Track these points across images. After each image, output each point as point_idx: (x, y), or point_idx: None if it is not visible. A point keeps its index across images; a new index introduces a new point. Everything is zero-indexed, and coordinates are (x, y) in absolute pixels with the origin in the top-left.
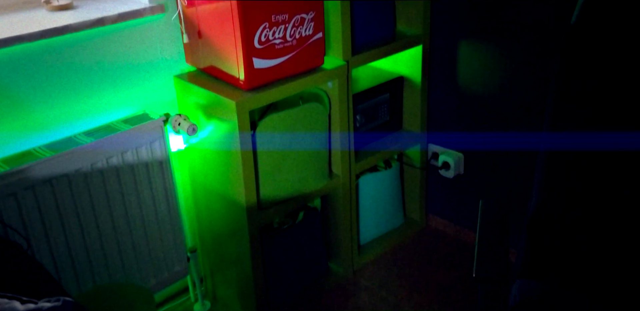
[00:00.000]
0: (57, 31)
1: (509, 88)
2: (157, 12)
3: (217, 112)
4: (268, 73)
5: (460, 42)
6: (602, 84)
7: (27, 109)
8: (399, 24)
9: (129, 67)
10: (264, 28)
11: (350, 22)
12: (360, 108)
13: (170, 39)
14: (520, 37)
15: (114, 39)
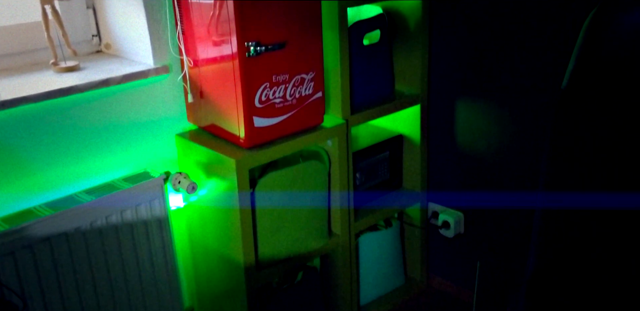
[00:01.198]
0: (63, 92)
1: (507, 147)
2: (161, 73)
3: (217, 170)
4: (268, 131)
5: (458, 102)
6: (594, 145)
7: (30, 168)
8: (398, 84)
9: (132, 127)
10: (264, 88)
11: (349, 81)
12: (360, 166)
13: (173, 98)
14: (515, 98)
15: (118, 99)
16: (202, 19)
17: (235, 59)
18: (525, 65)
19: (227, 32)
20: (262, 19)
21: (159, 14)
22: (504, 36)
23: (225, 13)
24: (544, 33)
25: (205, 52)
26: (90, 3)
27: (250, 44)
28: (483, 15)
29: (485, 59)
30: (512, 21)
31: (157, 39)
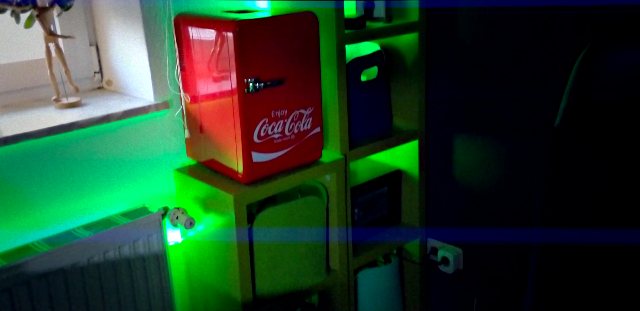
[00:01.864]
0: (64, 128)
1: (504, 182)
2: (161, 108)
3: (215, 205)
4: (266, 167)
5: (456, 138)
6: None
7: (29, 204)
8: (396, 119)
9: (132, 162)
10: (263, 123)
11: (347, 117)
12: (358, 201)
13: (172, 133)
14: (511, 134)
15: (118, 135)
16: (202, 55)
17: (235, 95)
18: (520, 102)
19: (227, 69)
20: (261, 55)
21: (160, 51)
22: (499, 73)
23: (226, 49)
24: (537, 71)
25: (205, 88)
26: (93, 40)
27: (250, 81)
28: (478, 53)
29: (482, 95)
30: (507, 59)
31: (158, 76)
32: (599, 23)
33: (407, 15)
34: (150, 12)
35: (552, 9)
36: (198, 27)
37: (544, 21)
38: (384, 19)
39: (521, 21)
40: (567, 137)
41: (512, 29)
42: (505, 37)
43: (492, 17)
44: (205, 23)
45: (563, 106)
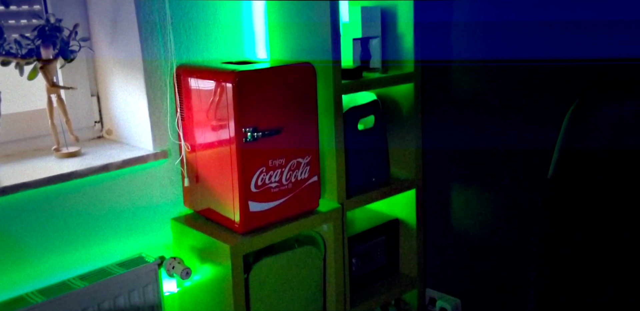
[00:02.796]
0: (63, 177)
1: (501, 231)
2: (160, 157)
3: (211, 255)
4: (263, 216)
5: (453, 187)
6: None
7: (24, 254)
8: (393, 168)
9: (129, 212)
10: (260, 172)
11: (344, 166)
12: (356, 251)
13: (170, 182)
14: (506, 183)
15: (116, 184)
16: (202, 105)
17: (233, 144)
18: (514, 152)
19: (225, 118)
20: (260, 105)
21: (161, 101)
22: (493, 123)
23: (225, 99)
24: (529, 122)
25: (203, 137)
26: (94, 91)
27: (248, 130)
28: (472, 103)
29: (477, 145)
30: (500, 109)
31: (157, 125)
32: (589, 75)
33: (402, 66)
34: (152, 64)
35: (543, 61)
36: (198, 77)
37: (535, 73)
38: (380, 69)
39: (513, 73)
40: (560, 189)
41: (504, 80)
42: (498, 88)
43: (485, 68)
44: (205, 74)
45: (555, 158)
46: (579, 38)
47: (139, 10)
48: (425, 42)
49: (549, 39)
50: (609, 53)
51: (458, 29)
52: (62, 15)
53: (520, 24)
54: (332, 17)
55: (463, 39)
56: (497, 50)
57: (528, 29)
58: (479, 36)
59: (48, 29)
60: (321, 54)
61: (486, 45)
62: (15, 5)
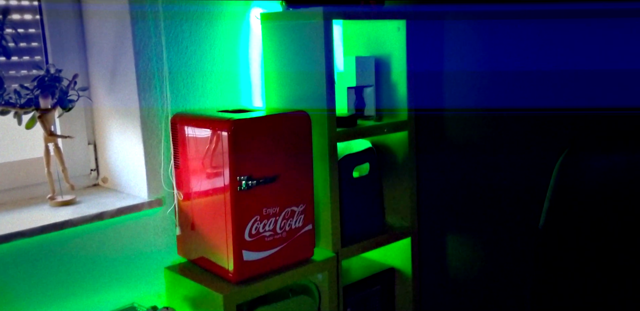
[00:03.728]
0: (57, 226)
1: (497, 279)
2: (154, 206)
3: (204, 304)
4: (257, 265)
5: (448, 235)
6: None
7: (17, 302)
8: (388, 216)
9: (122, 260)
10: (254, 221)
11: (339, 214)
12: (351, 301)
13: (164, 230)
14: (500, 231)
15: (110, 233)
16: (197, 153)
17: (227, 192)
18: (507, 201)
19: (220, 166)
20: (255, 153)
21: (156, 149)
22: (485, 172)
23: (220, 148)
24: (521, 171)
25: (198, 185)
26: (92, 139)
27: (242, 178)
28: (465, 152)
29: (471, 193)
30: (492, 158)
31: (152, 173)
32: (578, 124)
33: (396, 114)
34: (149, 112)
35: (534, 110)
36: (194, 126)
37: (526, 122)
38: (375, 117)
39: (504, 122)
40: (552, 238)
41: (496, 129)
42: (490, 137)
43: (477, 117)
44: (201, 122)
45: (546, 208)
46: (568, 87)
47: (137, 61)
48: (418, 90)
49: (539, 88)
50: (598, 102)
51: (450, 78)
52: (62, 65)
53: (510, 74)
54: (327, 67)
55: (455, 88)
56: (489, 99)
57: (518, 78)
58: (471, 85)
59: (48, 79)
60: (316, 102)
61: (478, 94)
62: (17, 56)
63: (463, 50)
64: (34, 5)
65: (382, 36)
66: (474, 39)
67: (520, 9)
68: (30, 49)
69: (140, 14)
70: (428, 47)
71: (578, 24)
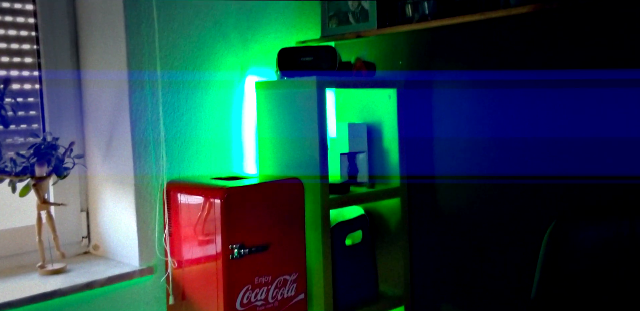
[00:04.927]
0: (47, 296)
1: None
2: (146, 274)
3: None
4: None
5: (442, 304)
6: None
7: None
8: (382, 284)
9: None
10: (246, 290)
11: (332, 283)
12: None
13: (155, 300)
14: (493, 303)
15: (101, 302)
16: (190, 221)
17: (219, 261)
18: (500, 269)
19: (213, 234)
20: (247, 221)
21: (149, 217)
22: (477, 240)
23: (213, 216)
24: (512, 241)
25: (190, 253)
26: (84, 206)
27: (235, 246)
28: (457, 219)
29: (463, 262)
30: (483, 226)
31: (144, 241)
32: (569, 193)
33: (389, 181)
34: (143, 180)
35: (523, 177)
36: (187, 193)
37: (516, 190)
38: (367, 184)
39: (494, 191)
40: (544, 309)
41: (486, 198)
42: (480, 206)
43: (467, 186)
44: (194, 190)
45: (537, 279)
46: (557, 156)
47: (134, 128)
48: (410, 157)
49: (528, 155)
50: (587, 171)
51: (440, 145)
52: (59, 133)
53: (498, 141)
54: (320, 133)
55: (445, 155)
56: (478, 167)
57: (506, 146)
58: (460, 152)
59: (44, 147)
60: (309, 168)
61: (467, 162)
62: (15, 124)
63: (451, 118)
64: (34, 76)
65: (374, 103)
66: (462, 106)
67: (507, 78)
68: (28, 118)
69: (139, 83)
70: (418, 115)
71: (566, 93)
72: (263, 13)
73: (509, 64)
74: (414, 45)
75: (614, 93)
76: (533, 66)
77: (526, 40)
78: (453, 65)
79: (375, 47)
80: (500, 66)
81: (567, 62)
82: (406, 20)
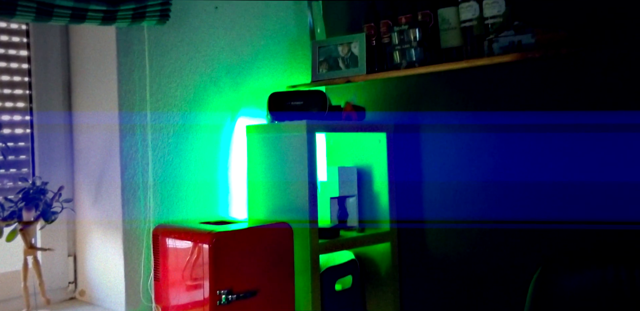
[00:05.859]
0: None
1: None
2: None
3: None
4: None
5: None
6: None
7: None
8: None
9: None
10: None
11: None
12: None
13: None
14: None
15: None
16: (177, 266)
17: (206, 307)
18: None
19: (200, 280)
20: (236, 267)
21: (137, 262)
22: (467, 286)
23: (201, 261)
24: (501, 287)
25: (177, 299)
26: (72, 251)
27: (222, 292)
28: (448, 264)
29: (453, 308)
30: (473, 270)
31: (131, 286)
32: (554, 239)
33: (379, 225)
34: (131, 224)
35: (509, 222)
36: (175, 238)
37: (503, 235)
38: (357, 228)
39: (483, 235)
40: None
41: (476, 241)
42: (468, 251)
43: (456, 231)
44: (182, 234)
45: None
46: (545, 201)
47: (123, 173)
48: (400, 201)
49: (515, 200)
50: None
51: (429, 188)
52: (48, 177)
53: (485, 185)
54: (310, 177)
55: (434, 199)
56: (466, 211)
57: (493, 190)
58: (449, 196)
59: (32, 192)
60: (299, 213)
61: (456, 206)
62: (4, 168)
63: (440, 162)
64: (25, 120)
65: (364, 147)
66: (450, 150)
67: (494, 122)
68: (18, 162)
69: (130, 127)
70: (408, 158)
71: (550, 137)
72: (254, 58)
73: (495, 109)
74: (403, 90)
75: (598, 138)
76: (518, 110)
77: (510, 86)
78: (441, 110)
79: (365, 91)
80: (486, 111)
81: (550, 107)
82: (394, 66)
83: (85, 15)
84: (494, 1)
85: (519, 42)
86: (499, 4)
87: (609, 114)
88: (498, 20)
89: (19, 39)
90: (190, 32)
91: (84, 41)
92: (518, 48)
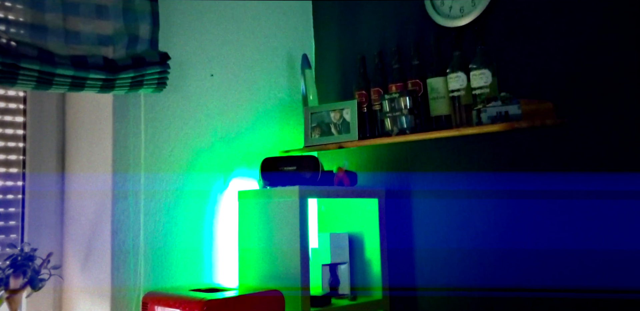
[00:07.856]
0: None
1: None
2: None
3: None
4: None
5: None
6: None
7: None
8: None
9: None
10: None
11: None
12: None
13: None
14: None
15: None
16: None
17: None
18: None
19: None
20: None
21: None
22: None
23: None
24: None
25: None
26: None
27: None
28: None
29: None
30: None
31: None
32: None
33: (371, 293)
34: (120, 291)
35: (504, 290)
36: (165, 306)
37: (498, 304)
38: (349, 296)
39: (476, 303)
40: None
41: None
42: None
43: (449, 298)
44: (172, 302)
45: None
46: (540, 268)
47: (114, 239)
48: (392, 268)
49: (509, 267)
50: (567, 283)
51: (421, 255)
52: (37, 242)
53: (478, 252)
54: (302, 244)
55: (427, 266)
56: (458, 278)
57: (485, 256)
58: (441, 263)
59: (21, 259)
60: (290, 280)
61: (448, 273)
62: None
63: (432, 228)
64: (17, 186)
65: (356, 213)
66: (442, 216)
67: (485, 188)
68: (7, 228)
69: (122, 193)
70: (400, 224)
71: (543, 204)
72: (248, 124)
73: (486, 175)
74: (394, 157)
75: (591, 205)
76: (509, 177)
77: (499, 153)
78: (432, 176)
79: (357, 157)
80: (477, 177)
81: (540, 174)
82: (386, 133)
83: (84, 84)
84: (481, 72)
85: (506, 113)
86: (486, 75)
87: (598, 180)
88: (485, 90)
89: (15, 106)
90: (185, 98)
91: (80, 106)
92: (505, 118)
